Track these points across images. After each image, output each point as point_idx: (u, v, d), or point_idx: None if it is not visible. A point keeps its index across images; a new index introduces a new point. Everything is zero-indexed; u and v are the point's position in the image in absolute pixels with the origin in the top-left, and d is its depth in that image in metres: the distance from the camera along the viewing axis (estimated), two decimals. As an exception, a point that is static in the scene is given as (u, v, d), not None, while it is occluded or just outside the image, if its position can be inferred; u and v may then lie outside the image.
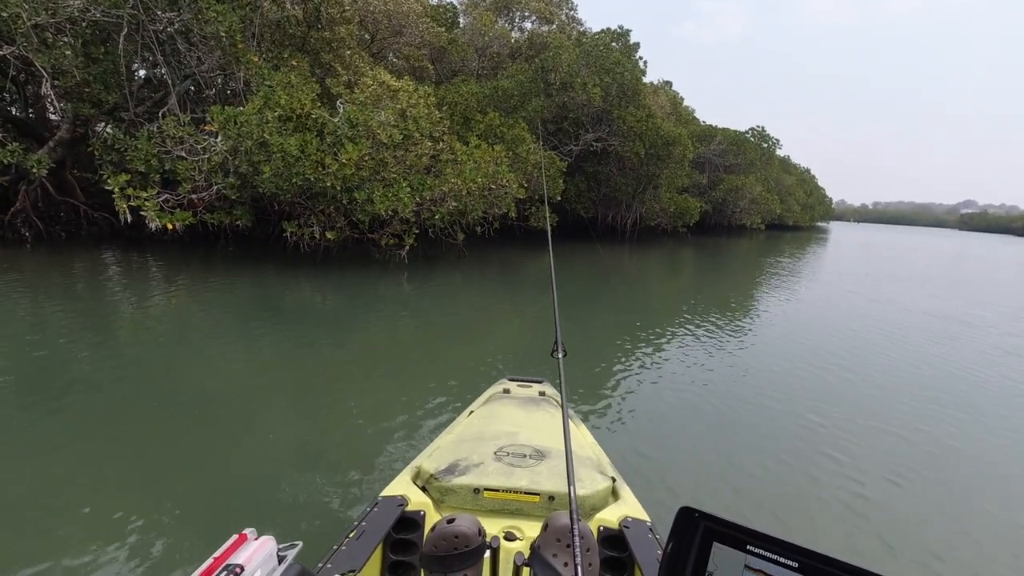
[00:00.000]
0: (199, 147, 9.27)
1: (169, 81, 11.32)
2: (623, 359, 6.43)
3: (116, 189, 8.63)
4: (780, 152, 40.73)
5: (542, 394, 2.93)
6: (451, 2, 23.89)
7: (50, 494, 3.06)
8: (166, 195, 9.13)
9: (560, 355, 2.15)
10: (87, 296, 7.73)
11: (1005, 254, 39.71)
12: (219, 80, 12.59)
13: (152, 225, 8.74)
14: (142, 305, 7.49)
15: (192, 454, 3.63)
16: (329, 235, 10.11)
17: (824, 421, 4.92)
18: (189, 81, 11.71)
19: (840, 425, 4.85)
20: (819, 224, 72.10)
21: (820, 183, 66.22)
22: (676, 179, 24.34)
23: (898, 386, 6.13)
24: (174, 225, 8.97)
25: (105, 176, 9.59)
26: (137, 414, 4.13)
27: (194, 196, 9.41)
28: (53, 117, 13.58)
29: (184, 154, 9.47)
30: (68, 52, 9.64)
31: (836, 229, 78.02)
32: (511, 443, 2.17)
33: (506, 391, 2.98)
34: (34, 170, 9.59)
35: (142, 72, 12.36)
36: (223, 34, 10.08)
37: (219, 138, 9.34)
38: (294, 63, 12.06)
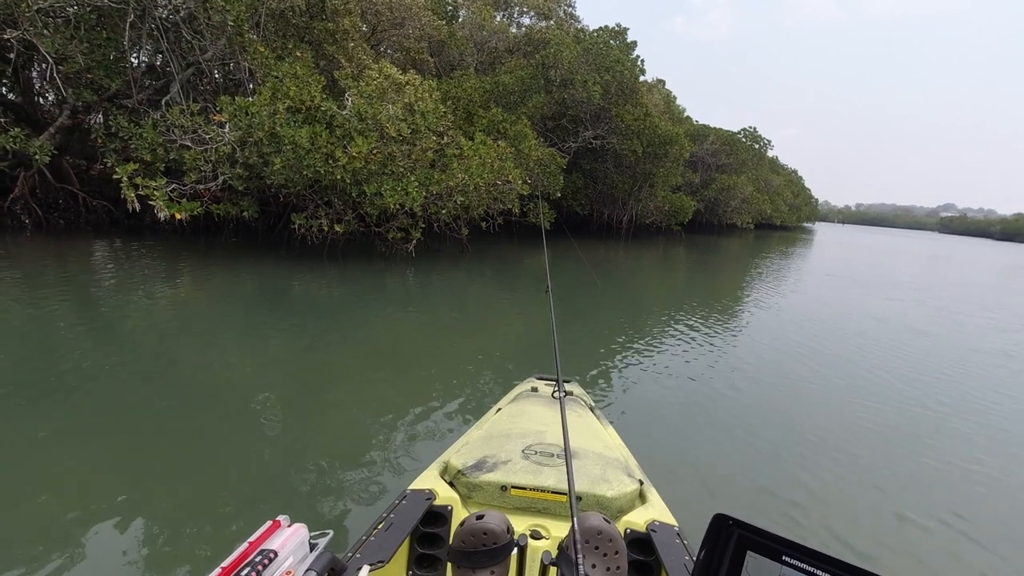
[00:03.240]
0: (207, 137, 9.19)
1: (173, 69, 11.19)
2: (625, 357, 6.56)
3: (124, 178, 8.54)
4: (769, 153, 41.24)
5: (569, 393, 2.93)
6: (451, -5, 23.79)
7: (86, 482, 3.11)
8: (175, 185, 9.05)
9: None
10: (95, 285, 7.68)
11: (984, 256, 40.65)
12: (222, 69, 12.49)
13: (161, 215, 8.67)
14: (152, 295, 7.45)
15: (218, 445, 3.67)
16: (338, 228, 10.10)
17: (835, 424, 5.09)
18: (192, 69, 11.59)
19: (860, 428, 5.02)
20: (805, 225, 73.07)
21: (806, 184, 67.14)
22: (671, 178, 24.58)
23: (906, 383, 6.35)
24: (182, 215, 8.90)
25: (109, 164, 9.48)
26: (161, 406, 4.14)
27: (201, 187, 9.35)
28: (42, 102, 13.40)
29: (189, 143, 9.39)
30: (72, 37, 9.49)
31: (821, 230, 79.14)
32: (538, 442, 2.18)
33: (534, 389, 3.01)
34: (36, 156, 9.44)
35: (144, 58, 12.20)
36: (231, 23, 10.00)
37: (227, 128, 9.27)
38: (299, 54, 11.99)
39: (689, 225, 30.23)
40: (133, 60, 11.33)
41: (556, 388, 3.03)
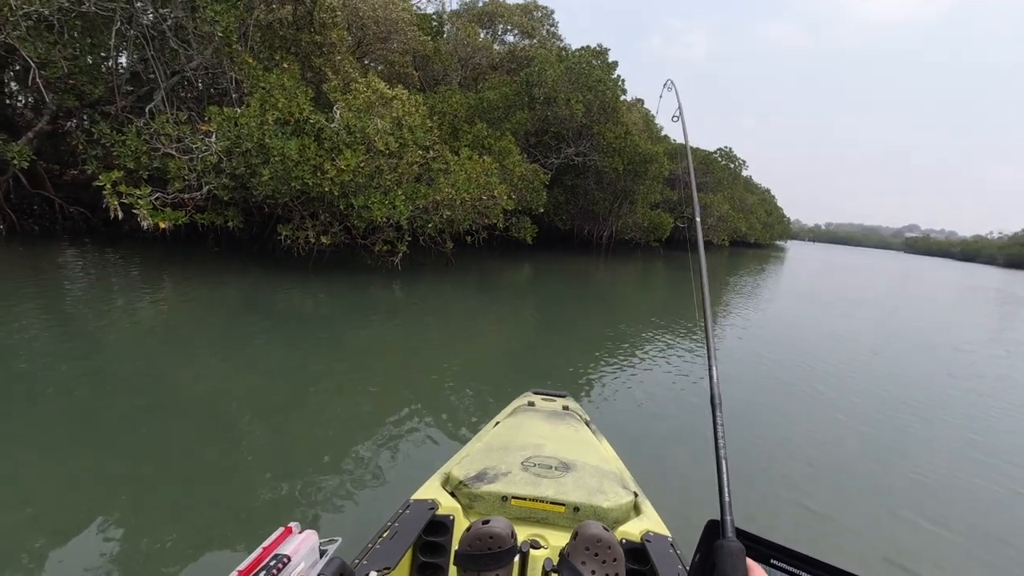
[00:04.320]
0: (193, 146, 9.14)
1: (157, 77, 11.10)
2: (613, 370, 6.70)
3: (108, 185, 8.43)
4: (744, 172, 42.37)
5: (565, 408, 3.04)
6: (437, 12, 24.11)
7: (96, 491, 3.11)
8: (159, 193, 8.95)
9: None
10: (72, 292, 7.53)
11: (950, 276, 42.25)
12: (207, 78, 12.42)
13: (145, 224, 8.56)
14: (132, 304, 7.35)
15: (217, 456, 3.69)
16: (324, 240, 10.09)
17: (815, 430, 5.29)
18: (176, 78, 11.51)
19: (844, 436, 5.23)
20: (777, 243, 74.88)
21: (779, 203, 68.94)
22: (651, 195, 25.07)
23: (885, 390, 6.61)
24: (166, 225, 8.80)
25: (91, 170, 9.34)
26: (154, 418, 4.12)
27: (185, 196, 9.26)
28: (18, 106, 13.10)
29: (174, 152, 9.32)
30: (56, 42, 9.37)
31: (793, 247, 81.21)
32: (537, 454, 2.24)
33: (531, 404, 3.08)
34: (15, 161, 9.26)
35: (123, 62, 12.07)
36: (219, 33, 10.00)
37: (214, 138, 9.23)
38: (286, 65, 12.02)
39: (667, 241, 30.78)
40: (117, 67, 11.22)
41: (552, 402, 3.16)
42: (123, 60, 11.76)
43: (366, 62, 18.16)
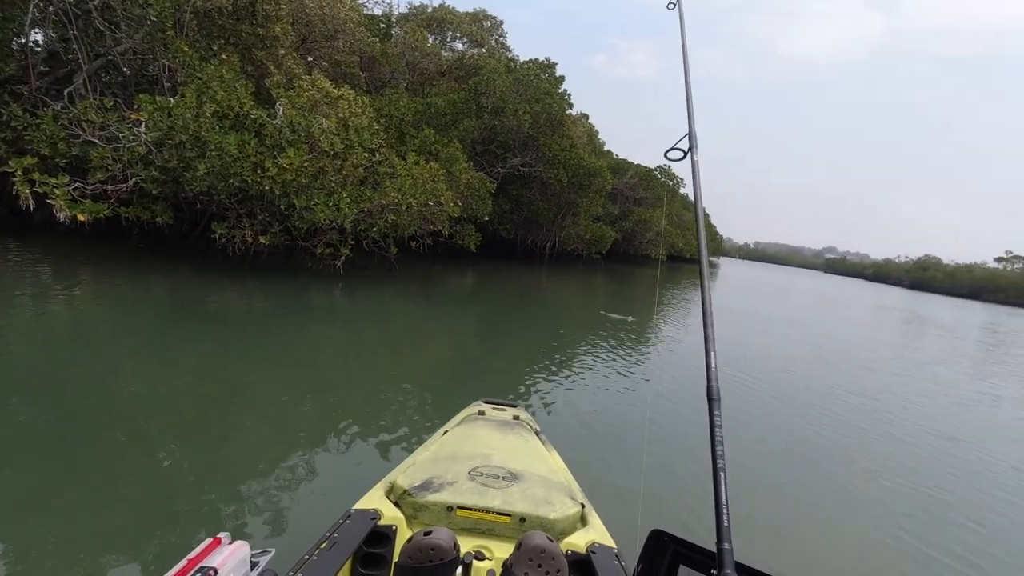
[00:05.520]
0: (119, 135, 8.53)
1: (80, 59, 10.30)
2: (557, 380, 6.80)
3: (18, 172, 7.72)
4: (681, 190, 44.23)
5: (516, 418, 3.01)
6: (385, 13, 23.81)
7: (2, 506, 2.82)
8: (77, 183, 8.28)
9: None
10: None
11: (862, 297, 45.71)
12: (136, 64, 11.65)
13: (61, 215, 7.89)
14: (42, 303, 6.75)
15: (139, 465, 3.47)
16: (263, 240, 9.65)
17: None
18: (101, 61, 10.74)
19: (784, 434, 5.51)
20: (711, 259, 78.50)
21: (712, 221, 72.38)
22: (593, 208, 25.69)
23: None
24: (85, 217, 8.15)
25: (-1, 155, 8.53)
26: (70, 426, 3.81)
27: (109, 187, 8.62)
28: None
29: (96, 140, 8.66)
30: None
31: (725, 264, 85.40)
32: (485, 464, 2.21)
33: (481, 413, 3.04)
34: (-95, 142, 8.32)
35: (39, 39, 11.13)
36: (153, 18, 9.43)
37: (143, 128, 8.66)
38: (224, 56, 11.49)
39: (608, 254, 31.61)
40: (31, 44, 10.35)
41: (503, 412, 3.13)
42: (39, 37, 10.88)
43: (310, 59, 17.63)
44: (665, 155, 2.10)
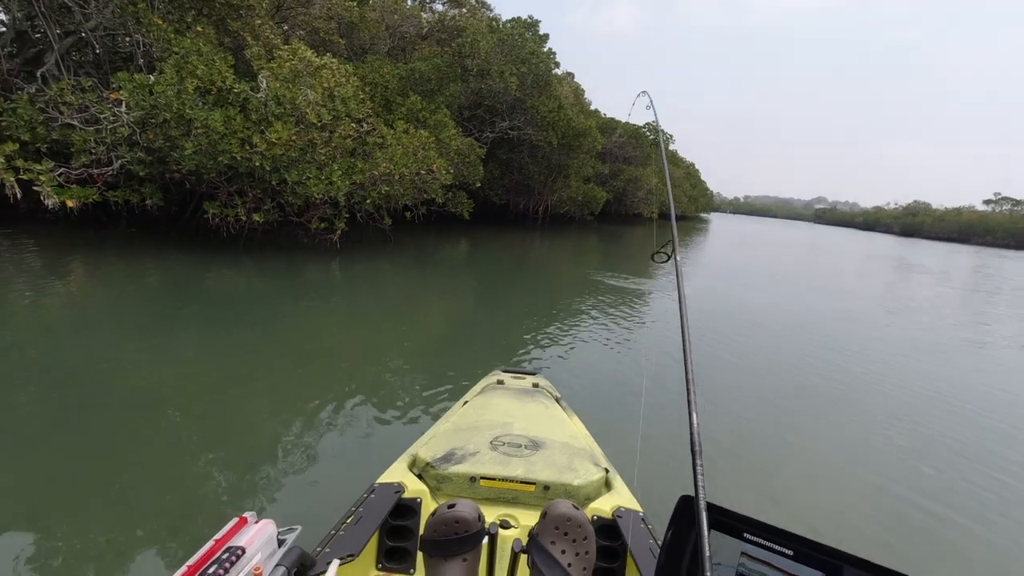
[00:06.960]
0: (101, 116, 8.30)
1: (49, 37, 9.91)
2: (569, 345, 6.88)
3: (1, 159, 7.52)
4: (671, 146, 43.79)
5: (535, 386, 3.00)
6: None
7: (28, 494, 2.90)
8: (63, 169, 8.10)
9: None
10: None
11: (852, 246, 46.04)
12: (108, 41, 11.23)
13: (49, 202, 7.74)
14: (39, 290, 6.68)
15: (157, 448, 3.50)
16: (256, 217, 9.53)
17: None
18: (72, 39, 10.34)
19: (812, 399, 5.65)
20: (702, 215, 78.37)
21: (702, 177, 71.95)
22: (584, 169, 25.45)
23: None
24: (74, 203, 8.00)
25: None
26: (81, 413, 3.83)
27: (95, 171, 8.44)
28: None
29: (76, 123, 8.42)
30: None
31: (715, 219, 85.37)
32: (506, 433, 2.20)
33: (500, 382, 3.02)
34: None
35: (3, 18, 10.67)
36: (123, -9, 9.05)
37: (124, 107, 8.42)
38: (199, 28, 11.08)
39: (600, 215, 31.50)
40: (-2, 25, 9.95)
41: (522, 380, 3.12)
42: (2, 16, 10.44)
43: (287, 27, 17.04)
44: (652, 258, 2.11)
